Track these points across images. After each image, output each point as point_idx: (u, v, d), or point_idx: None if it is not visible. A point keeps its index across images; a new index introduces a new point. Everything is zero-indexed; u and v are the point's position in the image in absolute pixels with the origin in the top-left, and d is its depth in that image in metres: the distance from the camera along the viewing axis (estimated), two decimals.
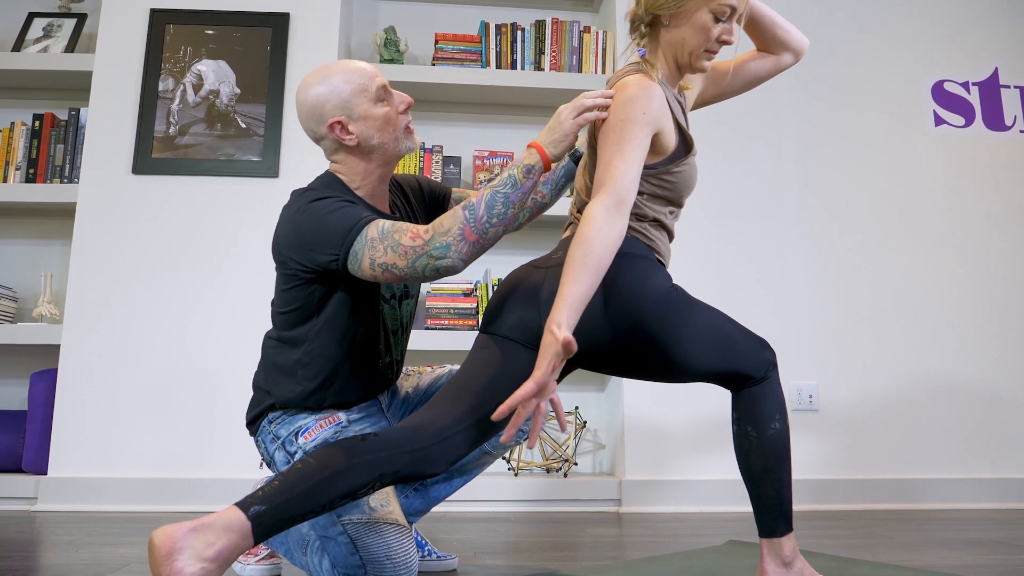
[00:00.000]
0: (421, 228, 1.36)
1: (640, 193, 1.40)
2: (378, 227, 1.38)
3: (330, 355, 1.51)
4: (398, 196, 1.68)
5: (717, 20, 1.39)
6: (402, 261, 1.35)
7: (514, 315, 1.37)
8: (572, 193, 1.51)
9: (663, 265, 1.43)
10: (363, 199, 1.55)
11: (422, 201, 1.72)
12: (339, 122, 1.51)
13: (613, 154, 1.30)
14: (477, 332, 2.86)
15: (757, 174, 3.08)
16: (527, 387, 1.15)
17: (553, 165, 1.42)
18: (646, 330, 1.32)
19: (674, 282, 1.39)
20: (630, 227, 1.40)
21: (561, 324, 1.17)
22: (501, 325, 1.38)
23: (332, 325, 1.51)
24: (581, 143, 1.69)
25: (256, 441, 1.58)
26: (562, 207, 2.91)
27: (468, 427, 1.31)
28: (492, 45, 3.13)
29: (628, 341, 1.33)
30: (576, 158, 1.72)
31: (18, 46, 3.01)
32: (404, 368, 1.75)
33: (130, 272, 2.77)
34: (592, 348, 1.34)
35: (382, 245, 1.36)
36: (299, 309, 1.51)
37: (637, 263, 1.36)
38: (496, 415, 1.15)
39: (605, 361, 1.37)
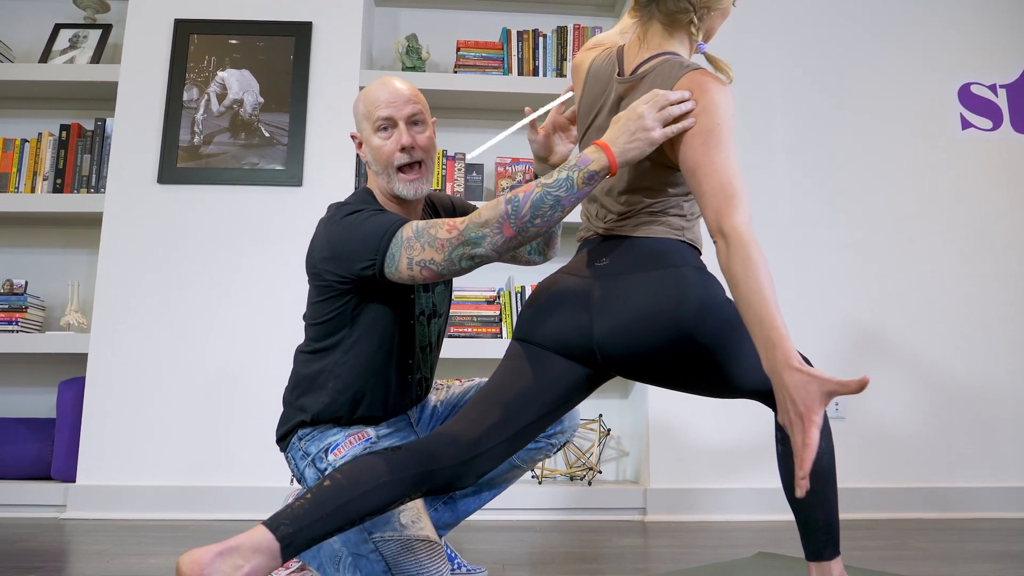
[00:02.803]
0: (457, 220, 1.33)
1: (688, 194, 1.38)
2: (413, 227, 1.37)
3: (361, 368, 1.52)
4: (429, 214, 1.70)
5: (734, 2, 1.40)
6: (439, 255, 1.32)
7: (556, 320, 1.34)
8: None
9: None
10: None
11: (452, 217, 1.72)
12: (355, 136, 1.60)
13: (720, 162, 1.21)
14: (500, 339, 2.87)
15: (781, 180, 3.05)
16: (815, 435, 1.05)
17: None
18: (704, 345, 1.29)
19: (727, 294, 1.36)
20: (683, 231, 1.37)
21: (800, 359, 1.09)
22: (537, 332, 1.36)
23: (364, 338, 1.51)
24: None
25: (287, 457, 1.59)
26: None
27: (499, 442, 1.30)
28: (514, 52, 3.13)
29: (684, 355, 1.30)
30: None
31: (45, 57, 3.05)
32: (433, 382, 1.75)
33: (156, 281, 2.79)
34: (645, 358, 1.31)
35: (419, 243, 1.34)
36: (332, 321, 1.51)
37: (700, 277, 1.32)
38: (800, 483, 1.04)
39: (654, 372, 1.34)
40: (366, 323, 1.51)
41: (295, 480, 1.61)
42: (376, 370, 1.53)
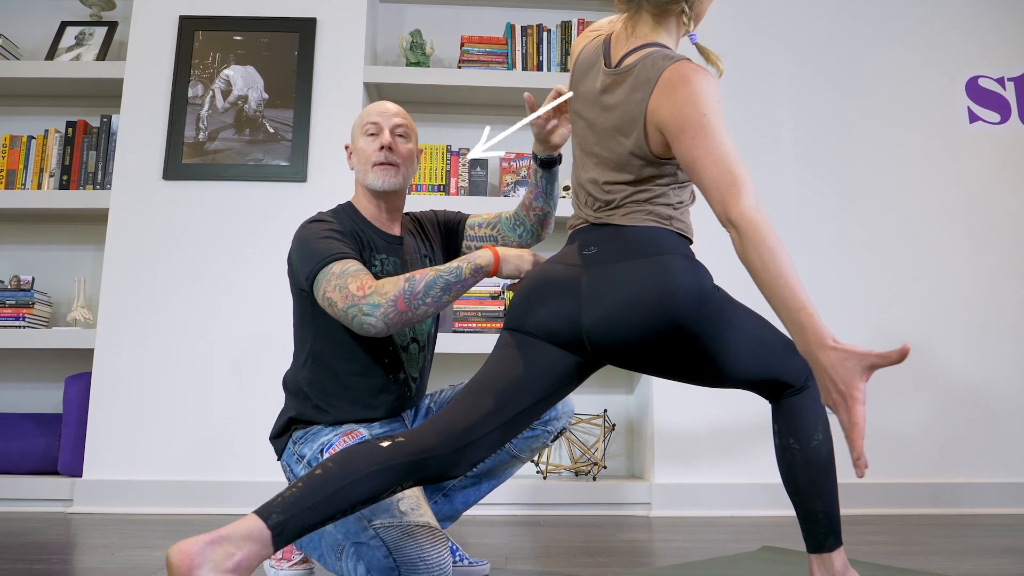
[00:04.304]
0: (369, 283, 1.44)
1: (679, 183, 1.37)
2: (343, 266, 1.47)
3: (335, 368, 1.59)
4: (415, 226, 1.78)
5: None
6: (340, 303, 1.44)
7: (545, 309, 1.33)
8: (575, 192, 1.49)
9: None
10: (369, 221, 1.67)
11: (437, 229, 1.81)
12: (347, 147, 1.73)
13: (715, 151, 1.20)
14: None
15: (788, 176, 3.04)
16: (861, 412, 1.04)
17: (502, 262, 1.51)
18: (693, 333, 1.28)
19: (715, 283, 1.35)
20: (671, 219, 1.35)
21: (834, 336, 1.07)
22: (527, 321, 1.35)
23: (333, 341, 1.59)
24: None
25: (282, 465, 1.63)
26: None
27: (491, 430, 1.30)
28: (518, 47, 3.13)
29: (672, 343, 1.29)
30: (547, 161, 1.70)
31: (51, 55, 3.06)
32: (427, 385, 1.79)
33: (162, 276, 2.80)
34: (634, 347, 1.30)
35: (336, 282, 1.45)
36: (304, 323, 1.61)
37: (688, 264, 1.32)
38: (858, 463, 1.03)
39: (643, 361, 1.33)
40: (333, 324, 1.57)
41: None
42: (351, 371, 1.59)
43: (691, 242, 1.39)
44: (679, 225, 1.37)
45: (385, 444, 1.25)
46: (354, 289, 1.43)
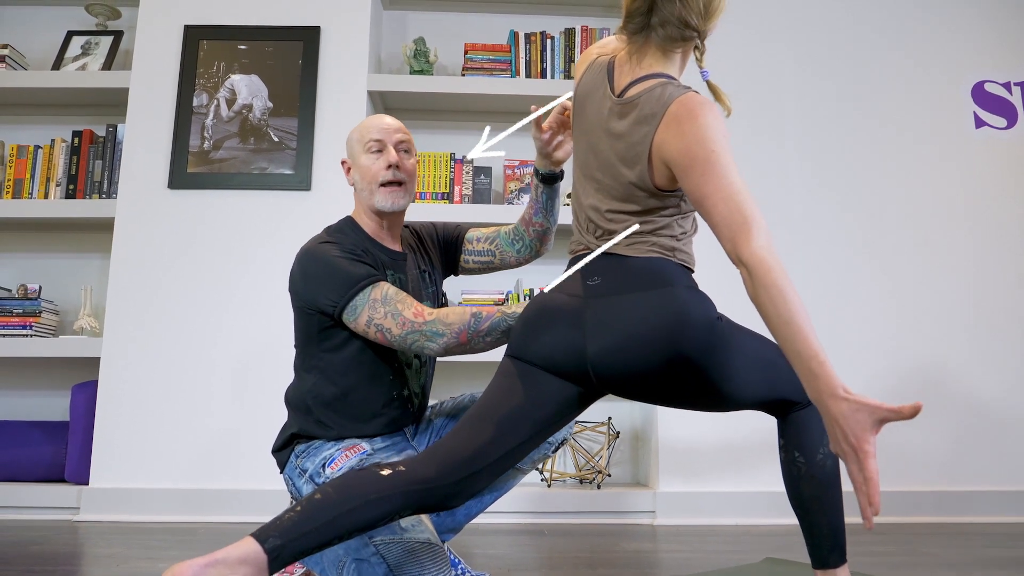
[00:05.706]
0: (426, 309, 1.47)
1: (681, 214, 1.36)
2: (383, 290, 1.49)
3: (339, 385, 1.58)
4: (414, 239, 1.77)
5: None
6: (397, 330, 1.46)
7: (549, 339, 1.33)
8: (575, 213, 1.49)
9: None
10: (370, 236, 1.65)
11: (436, 243, 1.81)
12: (345, 162, 1.72)
13: (724, 189, 1.18)
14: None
15: (793, 181, 3.03)
16: (874, 466, 1.03)
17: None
18: (700, 364, 1.28)
19: (718, 311, 1.34)
20: (675, 251, 1.34)
21: (845, 386, 1.05)
22: (529, 350, 1.35)
23: (338, 355, 1.58)
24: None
25: (284, 478, 1.64)
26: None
27: (491, 462, 1.30)
28: (522, 54, 3.13)
29: (679, 373, 1.29)
30: (548, 176, 1.70)
31: (57, 64, 3.08)
32: (429, 401, 1.79)
33: (167, 285, 2.81)
34: (640, 377, 1.30)
35: (384, 309, 1.47)
36: (309, 341, 1.60)
37: (693, 296, 1.31)
38: (868, 514, 1.01)
39: (649, 390, 1.33)
40: (339, 341, 1.58)
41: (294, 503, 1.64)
42: (353, 386, 1.58)
43: (693, 272, 1.39)
44: (682, 256, 1.36)
45: (385, 472, 1.25)
46: (410, 316, 1.46)
